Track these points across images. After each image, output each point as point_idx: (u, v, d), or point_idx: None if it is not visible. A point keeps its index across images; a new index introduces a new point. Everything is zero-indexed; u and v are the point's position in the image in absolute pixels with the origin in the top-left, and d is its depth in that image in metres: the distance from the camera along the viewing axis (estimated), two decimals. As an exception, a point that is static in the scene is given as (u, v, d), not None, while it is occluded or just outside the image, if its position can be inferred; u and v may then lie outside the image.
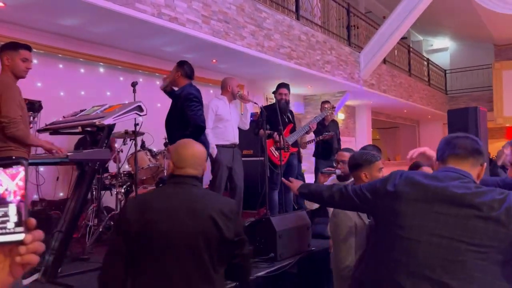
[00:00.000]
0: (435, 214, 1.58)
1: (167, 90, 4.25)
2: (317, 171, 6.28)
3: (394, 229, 1.66)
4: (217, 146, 4.55)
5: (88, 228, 4.46)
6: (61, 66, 5.55)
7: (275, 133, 4.73)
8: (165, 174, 4.84)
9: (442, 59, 17.06)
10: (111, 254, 1.87)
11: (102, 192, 4.93)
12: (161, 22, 4.94)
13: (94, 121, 3.13)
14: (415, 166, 3.03)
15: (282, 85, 5.22)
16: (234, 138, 4.75)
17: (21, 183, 0.75)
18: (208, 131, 4.55)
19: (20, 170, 0.75)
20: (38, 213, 4.01)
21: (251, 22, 6.35)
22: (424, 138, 16.59)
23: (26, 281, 3.19)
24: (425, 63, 15.07)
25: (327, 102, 6.53)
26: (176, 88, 4.16)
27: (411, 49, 13.79)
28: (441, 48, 17.53)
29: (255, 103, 4.74)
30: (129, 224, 1.78)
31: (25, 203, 0.77)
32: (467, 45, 16.78)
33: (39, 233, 0.78)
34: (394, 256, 1.63)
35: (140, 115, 3.38)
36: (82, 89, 5.71)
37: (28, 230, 0.76)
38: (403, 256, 1.60)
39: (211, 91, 7.47)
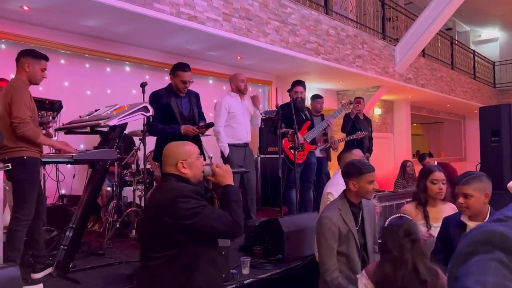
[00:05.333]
0: None
1: None
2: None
3: None
4: (229, 145, 4.56)
5: (108, 224, 4.62)
6: (87, 65, 5.73)
7: (290, 132, 4.66)
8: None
9: (491, 51, 16.13)
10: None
11: (125, 188, 5.08)
12: (180, 21, 4.98)
13: (100, 122, 3.20)
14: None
15: (297, 83, 5.13)
16: (247, 137, 4.74)
17: None
18: (220, 129, 4.57)
19: None
20: (57, 208, 4.17)
21: (275, 18, 6.27)
22: (470, 134, 15.79)
23: (39, 275, 3.34)
24: (471, 55, 14.30)
25: (359, 98, 6.28)
26: None
27: (455, 41, 13.13)
28: (490, 39, 16.56)
29: (261, 113, 4.72)
30: None
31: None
32: (518, 35, 15.78)
33: None
34: None
35: (146, 115, 3.42)
36: (108, 88, 5.87)
37: None
38: None
39: (238, 88, 7.47)
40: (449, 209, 2.79)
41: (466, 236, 0.99)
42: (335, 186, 3.20)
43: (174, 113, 3.88)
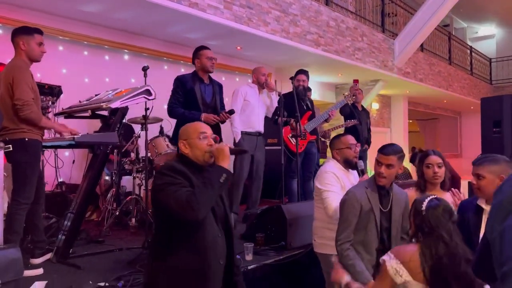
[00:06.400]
0: None
1: None
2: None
3: None
4: (242, 133, 4.55)
5: (107, 212, 4.56)
6: (86, 53, 5.65)
7: (292, 120, 4.62)
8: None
9: (487, 47, 16.19)
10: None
11: (123, 177, 5.02)
12: (180, 7, 4.91)
13: (102, 104, 3.14)
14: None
15: (300, 72, 5.10)
16: (259, 127, 4.73)
17: None
18: (235, 116, 4.55)
19: None
20: (56, 195, 4.11)
21: (276, 8, 6.22)
22: (466, 130, 15.87)
23: (38, 260, 3.28)
24: (468, 51, 14.34)
25: (354, 85, 6.19)
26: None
27: (452, 37, 13.15)
28: (487, 36, 16.62)
29: (278, 93, 4.68)
30: None
31: None
32: (515, 32, 15.84)
33: None
34: None
35: (149, 99, 3.37)
36: (106, 76, 5.80)
37: None
38: None
39: (237, 79, 7.42)
40: (448, 198, 2.72)
41: (502, 192, 0.97)
42: (321, 175, 3.06)
43: (196, 99, 3.90)
